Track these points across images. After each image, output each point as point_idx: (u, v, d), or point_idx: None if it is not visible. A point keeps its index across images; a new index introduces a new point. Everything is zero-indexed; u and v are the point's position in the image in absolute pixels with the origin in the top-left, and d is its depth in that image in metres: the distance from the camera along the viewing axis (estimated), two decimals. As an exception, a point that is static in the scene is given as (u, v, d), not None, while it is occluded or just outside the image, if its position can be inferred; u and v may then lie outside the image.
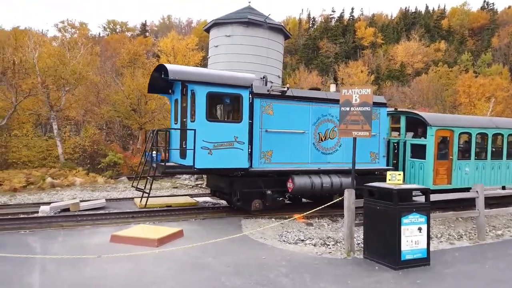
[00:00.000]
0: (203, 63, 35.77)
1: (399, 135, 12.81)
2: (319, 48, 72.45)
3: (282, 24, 23.26)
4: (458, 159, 12.15)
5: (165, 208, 11.19)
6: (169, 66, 9.41)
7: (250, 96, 9.92)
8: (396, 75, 59.78)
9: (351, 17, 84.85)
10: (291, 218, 9.85)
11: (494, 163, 12.97)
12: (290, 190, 10.38)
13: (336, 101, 11.30)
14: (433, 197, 7.48)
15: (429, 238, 6.66)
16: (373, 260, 6.69)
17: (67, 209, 10.65)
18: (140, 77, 25.12)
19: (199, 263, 6.40)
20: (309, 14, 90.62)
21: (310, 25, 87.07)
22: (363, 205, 7.04)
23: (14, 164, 19.71)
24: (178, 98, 10.79)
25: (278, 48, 20.99)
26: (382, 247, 6.60)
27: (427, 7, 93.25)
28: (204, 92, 9.39)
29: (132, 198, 12.92)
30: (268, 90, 10.43)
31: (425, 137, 11.76)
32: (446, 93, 43.49)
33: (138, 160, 16.72)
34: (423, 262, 6.53)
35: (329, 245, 8.11)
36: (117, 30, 73.05)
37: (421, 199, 6.94)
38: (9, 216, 9.87)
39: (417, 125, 12.26)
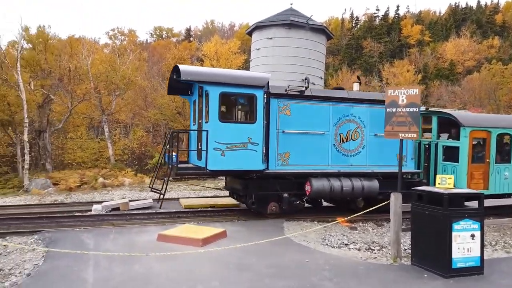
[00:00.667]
0: (245, 66, 36.16)
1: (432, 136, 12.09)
2: (363, 47, 70.80)
3: (325, 25, 23.00)
4: (496, 163, 11.29)
5: (209, 208, 11.42)
6: (182, 67, 9.39)
7: (265, 96, 9.67)
8: (445, 74, 57.08)
9: (397, 15, 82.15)
10: (334, 222, 9.71)
11: None
12: (307, 193, 10.08)
13: (358, 101, 10.88)
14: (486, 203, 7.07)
15: (483, 245, 6.31)
16: (421, 267, 6.44)
17: (117, 208, 11.17)
18: (185, 81, 25.84)
19: (242, 263, 6.47)
20: (352, 14, 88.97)
21: (353, 25, 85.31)
22: (410, 210, 6.80)
23: (70, 165, 20.99)
24: (196, 99, 10.71)
25: (320, 49, 20.76)
26: (431, 253, 6.33)
27: (478, 2, 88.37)
28: (216, 92, 9.23)
29: (178, 199, 13.31)
30: (286, 90, 10.15)
31: (459, 139, 11.03)
32: (500, 92, 40.87)
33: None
34: (476, 271, 6.19)
35: (374, 250, 7.90)
36: (163, 36, 75.61)
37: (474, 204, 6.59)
38: (65, 214, 10.52)
39: (451, 126, 11.52)
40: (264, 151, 9.62)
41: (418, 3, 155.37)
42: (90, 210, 11.06)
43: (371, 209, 8.75)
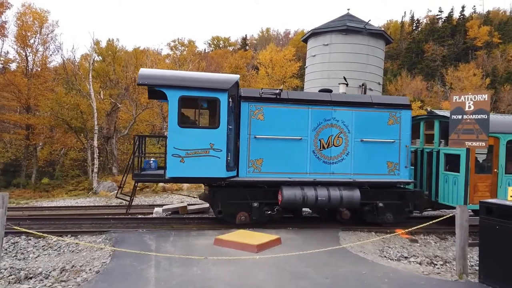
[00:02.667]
0: (300, 73, 36.09)
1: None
2: (424, 51, 67.57)
3: (383, 29, 22.34)
4: (507, 173, 10.06)
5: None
6: (141, 70, 9.16)
7: (231, 99, 9.16)
8: (517, 77, 52.73)
9: (462, 16, 77.46)
10: (393, 233, 9.34)
11: None
12: (279, 203, 9.52)
13: (342, 104, 10.08)
14: None
15: None
16: (490, 285, 5.98)
17: (177, 212, 11.65)
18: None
19: (297, 272, 6.44)
20: (412, 16, 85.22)
21: (414, 28, 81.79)
22: (478, 223, 6.36)
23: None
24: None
25: (379, 54, 20.22)
26: (502, 271, 5.86)
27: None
28: (175, 96, 8.82)
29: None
30: (259, 94, 9.69)
31: None
32: None
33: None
34: (556, 293, 5.62)
35: (436, 264, 7.49)
36: (220, 46, 77.86)
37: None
38: (129, 216, 11.17)
39: None
40: (229, 158, 9.09)
41: (485, 3, 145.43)
42: (152, 213, 11.63)
43: (434, 221, 8.30)
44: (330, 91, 11.08)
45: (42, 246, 8.19)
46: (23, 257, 7.52)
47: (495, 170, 10.09)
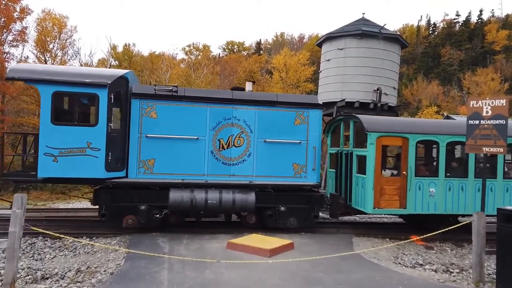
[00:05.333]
0: (315, 77, 36.01)
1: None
2: (441, 55, 66.65)
3: (398, 33, 22.15)
4: (416, 176, 9.51)
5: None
6: (12, 65, 8.61)
7: (112, 96, 8.66)
8: (538, 82, 51.52)
9: (479, 20, 76.20)
10: (408, 240, 9.21)
11: (481, 183, 9.58)
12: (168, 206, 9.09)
13: (244, 102, 9.64)
14: None
15: None
16: (509, 295, 5.83)
17: (190, 215, 11.65)
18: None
19: (310, 277, 6.40)
20: (428, 20, 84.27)
21: (430, 32, 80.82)
22: (496, 231, 6.22)
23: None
24: None
25: (394, 58, 20.04)
26: (521, 281, 5.71)
27: None
28: (49, 91, 8.31)
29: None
30: (154, 90, 9.28)
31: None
32: None
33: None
34: None
35: (452, 272, 7.36)
36: (235, 50, 78.31)
37: None
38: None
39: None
40: (110, 158, 8.59)
41: (504, 6, 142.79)
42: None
43: (449, 228, 8.15)
44: (242, 89, 10.67)
45: (59, 247, 8.35)
46: (40, 258, 7.67)
47: (404, 172, 9.56)
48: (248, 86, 10.98)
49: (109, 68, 25.71)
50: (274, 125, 9.71)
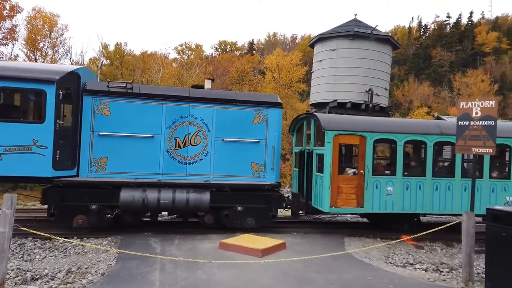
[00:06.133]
0: (307, 77, 36.12)
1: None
2: (431, 57, 67.32)
3: (390, 34, 22.33)
4: (374, 175, 9.49)
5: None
6: None
7: (61, 92, 8.44)
8: (526, 83, 52.33)
9: (470, 22, 77.10)
10: (399, 240, 9.29)
11: (440, 182, 9.83)
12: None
13: (201, 100, 9.51)
14: None
15: None
16: (497, 293, 5.91)
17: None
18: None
19: (302, 277, 6.43)
20: (420, 22, 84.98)
21: (421, 33, 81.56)
22: (484, 231, 6.31)
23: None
24: None
25: (385, 59, 20.21)
26: (509, 279, 5.80)
27: None
28: None
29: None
30: (107, 86, 9.10)
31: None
32: None
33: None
34: None
35: (442, 271, 7.44)
36: (227, 50, 78.21)
37: None
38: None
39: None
40: (58, 156, 8.36)
41: (494, 9, 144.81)
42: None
43: (440, 228, 8.24)
44: (202, 87, 10.55)
45: (49, 247, 8.26)
46: (30, 259, 7.58)
47: (361, 171, 9.51)
48: (207, 84, 10.82)
49: (100, 67, 25.53)
50: (233, 124, 9.61)
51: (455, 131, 9.77)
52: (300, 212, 10.73)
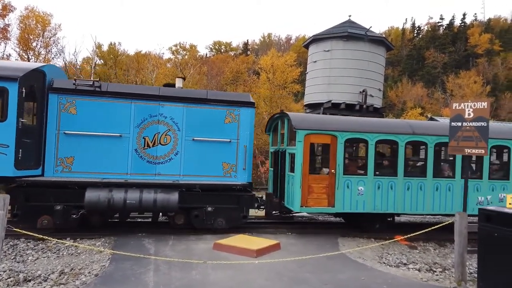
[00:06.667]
0: (301, 78, 36.20)
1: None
2: (425, 58, 67.87)
3: (384, 36, 22.46)
4: (345, 174, 9.47)
5: (263, 220, 11.49)
6: None
7: (25, 90, 8.23)
8: (518, 85, 52.92)
9: (463, 24, 77.80)
10: (393, 240, 9.33)
11: (411, 182, 9.85)
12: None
13: (171, 99, 9.36)
14: None
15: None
16: (489, 293, 5.97)
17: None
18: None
19: (297, 277, 6.44)
20: (413, 23, 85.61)
21: (415, 35, 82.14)
22: (477, 231, 6.36)
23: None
24: None
25: (379, 60, 20.32)
26: (501, 279, 5.85)
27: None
28: None
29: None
30: (74, 84, 8.90)
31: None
32: None
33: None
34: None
35: (435, 271, 7.49)
36: (222, 50, 78.15)
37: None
38: (129, 220, 11.13)
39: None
40: (20, 155, 8.16)
41: (486, 11, 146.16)
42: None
43: (433, 228, 8.30)
44: (173, 86, 10.37)
45: (41, 248, 8.18)
46: (22, 260, 7.51)
47: (332, 170, 9.46)
48: (178, 82, 10.61)
49: (94, 67, 25.39)
50: (204, 123, 9.48)
51: (427, 131, 9.84)
52: (274, 212, 10.61)
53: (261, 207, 10.47)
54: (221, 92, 14.10)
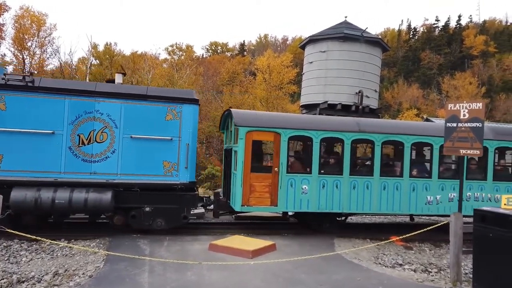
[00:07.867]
0: (298, 79, 36.21)
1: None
2: (421, 59, 68.16)
3: (380, 37, 22.52)
4: (289, 172, 9.25)
5: (259, 221, 11.48)
6: None
7: None
8: (513, 86, 53.29)
9: (458, 25, 78.21)
10: (388, 241, 9.34)
11: (357, 180, 9.60)
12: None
13: (108, 95, 9.01)
14: None
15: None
16: (484, 293, 5.98)
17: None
18: (237, 94, 26.52)
19: (292, 278, 6.43)
20: (409, 25, 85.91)
21: (411, 36, 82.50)
22: (472, 231, 6.38)
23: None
24: None
25: (375, 61, 20.36)
26: (496, 279, 5.87)
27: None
28: None
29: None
30: (3, 79, 8.55)
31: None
32: None
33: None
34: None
35: (431, 272, 7.51)
36: (218, 51, 78.07)
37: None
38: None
39: None
40: None
41: (482, 12, 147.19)
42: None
43: (429, 228, 8.31)
44: (112, 81, 10.01)
45: (35, 249, 8.13)
46: (16, 261, 7.45)
47: (276, 169, 9.18)
48: (118, 78, 10.20)
49: (89, 67, 25.30)
50: (143, 120, 9.14)
51: (374, 129, 9.48)
52: (221, 212, 10.37)
53: (208, 206, 10.19)
54: (162, 89, 13.54)
